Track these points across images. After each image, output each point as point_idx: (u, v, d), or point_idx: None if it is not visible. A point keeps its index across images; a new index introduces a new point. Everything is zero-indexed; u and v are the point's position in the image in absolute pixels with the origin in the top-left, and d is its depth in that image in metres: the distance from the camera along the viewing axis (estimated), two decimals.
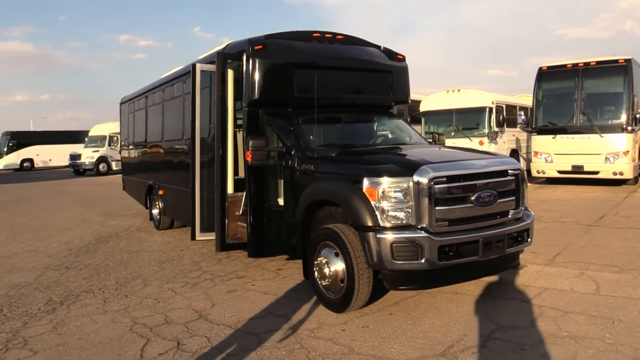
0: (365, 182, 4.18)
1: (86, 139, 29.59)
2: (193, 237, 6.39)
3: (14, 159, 35.28)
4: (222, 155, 5.72)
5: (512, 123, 15.99)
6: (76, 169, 28.21)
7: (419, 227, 4.09)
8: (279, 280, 5.67)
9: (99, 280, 5.99)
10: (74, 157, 28.26)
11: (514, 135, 16.23)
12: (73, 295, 5.39)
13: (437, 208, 4.13)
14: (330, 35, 6.14)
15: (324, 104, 5.79)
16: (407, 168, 4.18)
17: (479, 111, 15.31)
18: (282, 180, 5.45)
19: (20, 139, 36.08)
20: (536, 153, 14.01)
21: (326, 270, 4.48)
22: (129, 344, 4.03)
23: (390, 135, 6.19)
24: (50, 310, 4.93)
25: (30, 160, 36.11)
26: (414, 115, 17.25)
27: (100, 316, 4.70)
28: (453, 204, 4.25)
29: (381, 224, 4.09)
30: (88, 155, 27.94)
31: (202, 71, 6.22)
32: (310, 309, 4.66)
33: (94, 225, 10.21)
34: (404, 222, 4.10)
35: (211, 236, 6.29)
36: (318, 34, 6.05)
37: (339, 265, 4.40)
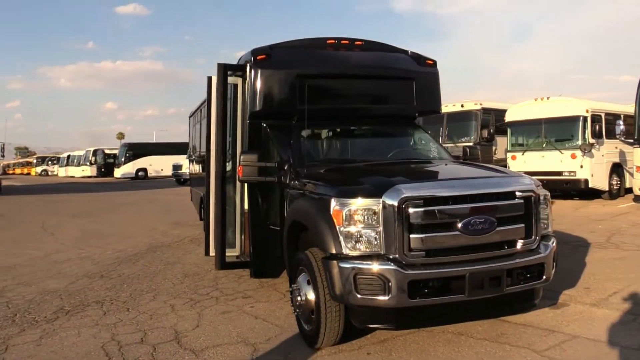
0: (333, 204, 3.74)
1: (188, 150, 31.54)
2: (207, 253, 6.30)
3: (130, 168, 38.88)
4: (222, 168, 5.57)
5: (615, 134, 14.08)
6: (178, 178, 30.20)
7: (390, 257, 3.56)
8: (281, 303, 5.35)
9: (117, 291, 6.13)
10: (176, 167, 30.29)
11: (616, 148, 14.27)
12: (83, 305, 5.54)
13: (412, 235, 3.57)
14: (347, 42, 5.74)
15: (332, 115, 5.45)
16: (378, 187, 3.67)
17: (571, 121, 13.72)
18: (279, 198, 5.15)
19: (136, 150, 39.70)
20: (638, 168, 12.17)
21: (299, 298, 4.09)
22: None
23: (406, 149, 5.62)
24: (53, 318, 5.10)
25: (145, 170, 39.51)
26: (500, 125, 15.96)
27: (88, 329, 4.74)
28: (433, 231, 3.64)
29: (345, 252, 3.62)
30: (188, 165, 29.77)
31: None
32: (287, 340, 4.30)
33: (156, 234, 10.68)
34: (372, 250, 3.59)
35: (228, 252, 6.15)
36: (333, 41, 5.68)
37: (310, 295, 3.99)
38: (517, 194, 3.93)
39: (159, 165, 39.37)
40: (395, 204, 3.54)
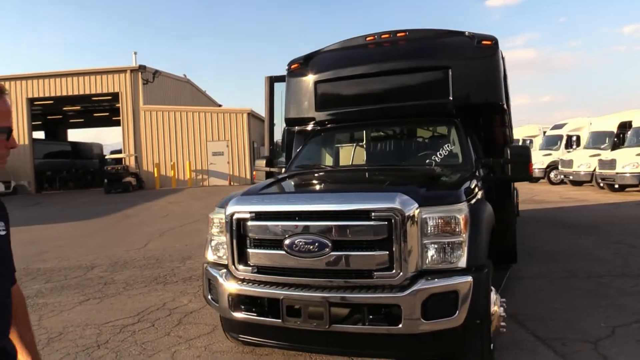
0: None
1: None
2: None
3: None
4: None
5: None
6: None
7: (233, 267, 3.65)
8: None
9: None
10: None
11: None
12: (183, 279, 7.01)
13: (248, 250, 3.57)
14: (387, 36, 5.23)
15: (348, 118, 5.29)
16: (228, 199, 3.78)
17: None
18: None
19: None
20: None
21: None
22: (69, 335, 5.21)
23: (403, 155, 4.83)
24: (174, 282, 6.80)
25: None
26: None
27: (170, 294, 6.19)
28: (260, 247, 3.52)
29: (209, 258, 3.91)
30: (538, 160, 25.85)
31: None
32: None
33: None
34: (222, 259, 3.77)
35: None
36: (372, 37, 5.31)
37: None
38: (373, 214, 3.09)
39: None
40: (225, 216, 3.62)
